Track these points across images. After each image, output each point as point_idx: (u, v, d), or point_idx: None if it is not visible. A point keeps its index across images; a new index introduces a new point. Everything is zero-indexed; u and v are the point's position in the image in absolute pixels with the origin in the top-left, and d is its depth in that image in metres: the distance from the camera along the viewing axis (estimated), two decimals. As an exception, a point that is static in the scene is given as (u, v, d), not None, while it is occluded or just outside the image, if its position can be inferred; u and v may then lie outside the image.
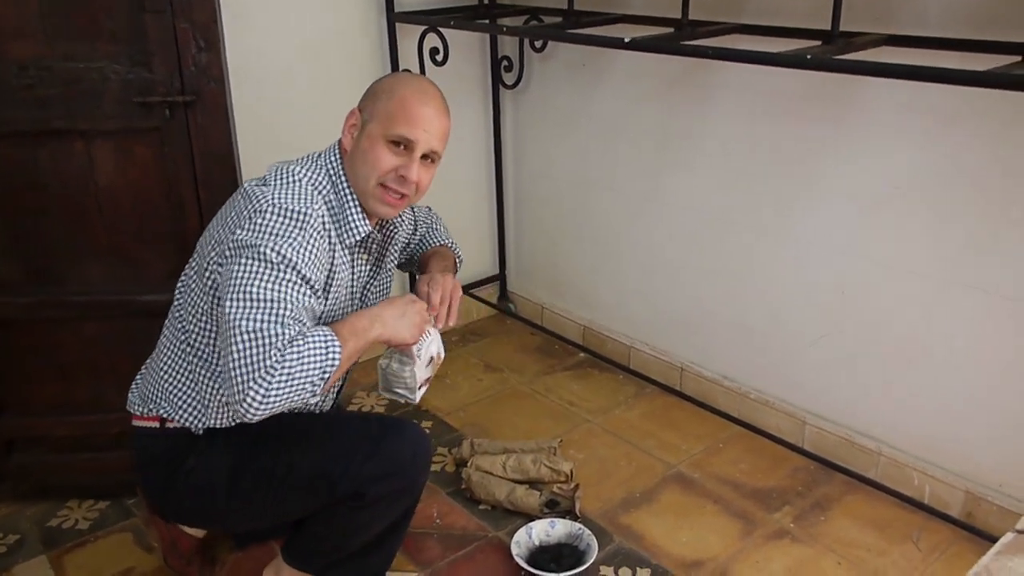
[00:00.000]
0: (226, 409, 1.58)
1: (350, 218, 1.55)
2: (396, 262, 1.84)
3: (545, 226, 3.03)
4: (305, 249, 1.43)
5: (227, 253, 1.44)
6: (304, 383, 1.37)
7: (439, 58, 2.58)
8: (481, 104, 2.95)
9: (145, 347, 1.74)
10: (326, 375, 1.39)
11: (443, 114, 1.58)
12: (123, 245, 1.98)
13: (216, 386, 1.55)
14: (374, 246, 1.69)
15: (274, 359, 1.34)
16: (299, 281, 1.42)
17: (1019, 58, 1.55)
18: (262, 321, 1.35)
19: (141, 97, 1.85)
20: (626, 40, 1.98)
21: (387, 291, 1.81)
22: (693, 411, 2.58)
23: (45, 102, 1.83)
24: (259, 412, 1.35)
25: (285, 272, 1.40)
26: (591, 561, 1.90)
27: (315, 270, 1.46)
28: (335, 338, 1.41)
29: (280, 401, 1.35)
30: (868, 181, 2.05)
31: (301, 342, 1.37)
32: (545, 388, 2.72)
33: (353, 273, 1.63)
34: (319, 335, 1.40)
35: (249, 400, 1.33)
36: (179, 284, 1.62)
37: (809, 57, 1.66)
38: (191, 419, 1.58)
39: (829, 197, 2.14)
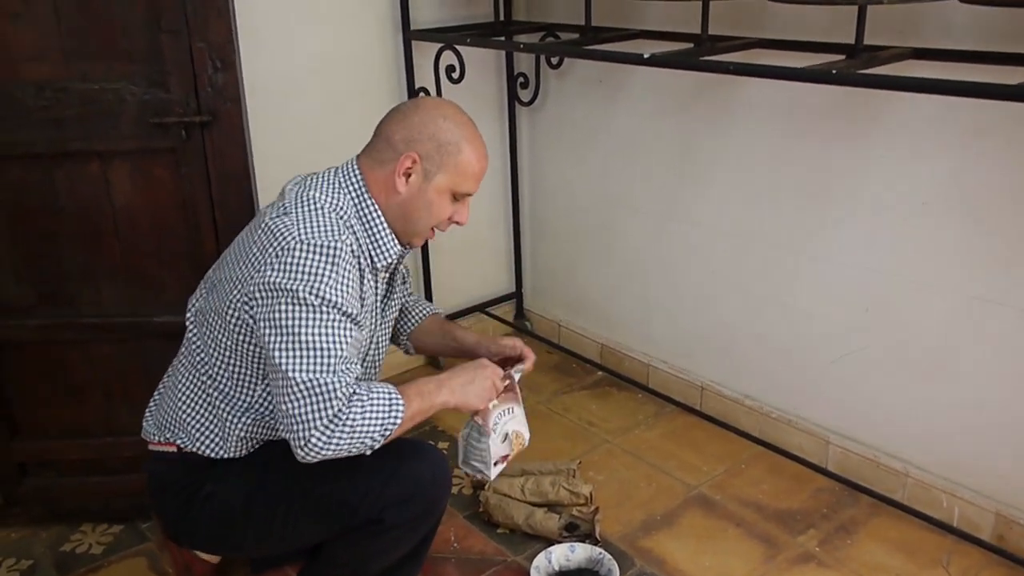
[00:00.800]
0: (246, 442, 1.57)
1: (382, 243, 1.55)
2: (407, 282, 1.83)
3: (562, 243, 3.00)
4: (341, 284, 1.42)
5: (258, 296, 1.42)
6: (365, 437, 1.40)
7: (455, 76, 2.56)
8: (497, 121, 2.94)
9: (159, 369, 1.72)
10: (387, 432, 1.42)
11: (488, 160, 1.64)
12: (139, 266, 1.97)
13: (237, 420, 1.54)
14: (394, 265, 1.68)
15: (335, 409, 1.37)
16: (342, 319, 1.42)
17: (1049, 71, 1.52)
18: (316, 372, 1.37)
19: (158, 118, 1.84)
20: (646, 56, 1.96)
21: (398, 306, 1.79)
22: (714, 431, 2.53)
23: (62, 123, 1.83)
24: (319, 457, 1.39)
25: (328, 312, 1.40)
26: (613, 586, 1.87)
27: (352, 302, 1.45)
28: (399, 397, 1.45)
29: (341, 451, 1.39)
30: (893, 197, 2.02)
31: (366, 397, 1.41)
32: (563, 407, 2.69)
33: (376, 293, 1.62)
34: (384, 392, 1.44)
35: (310, 447, 1.37)
36: (191, 315, 1.60)
37: (835, 72, 1.63)
38: (209, 450, 1.56)
39: (853, 213, 2.11)
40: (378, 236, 1.55)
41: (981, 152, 1.84)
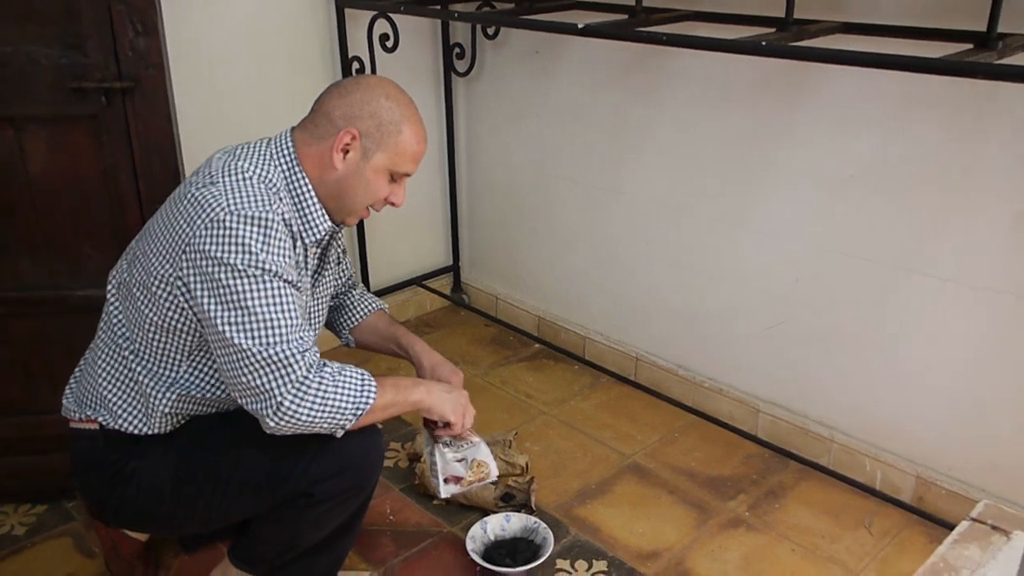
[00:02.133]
0: (171, 418, 1.53)
1: (311, 218, 1.52)
2: (341, 252, 1.79)
3: (500, 216, 2.99)
4: (277, 253, 1.40)
5: (195, 271, 1.38)
6: (336, 412, 1.41)
7: (389, 45, 2.52)
8: (433, 92, 2.90)
9: (82, 345, 1.66)
10: (359, 411, 1.43)
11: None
12: (58, 238, 1.90)
13: (162, 396, 1.50)
14: (325, 240, 1.65)
15: (299, 375, 1.38)
16: (285, 286, 1.40)
17: (971, 46, 1.56)
18: (272, 342, 1.37)
19: (76, 83, 1.77)
20: (580, 26, 1.95)
21: (333, 285, 1.77)
22: (648, 401, 2.57)
23: (-30, 87, 1.74)
24: (288, 427, 1.39)
25: (271, 282, 1.38)
26: (547, 555, 1.88)
27: (290, 270, 1.43)
28: (373, 380, 1.46)
29: (311, 421, 1.39)
30: (823, 169, 2.06)
31: (338, 371, 1.43)
32: (500, 380, 2.69)
33: (307, 267, 1.59)
34: (357, 372, 1.46)
35: (282, 413, 1.37)
36: (112, 288, 1.55)
37: (764, 44, 1.65)
38: (133, 427, 1.52)
39: (784, 185, 2.15)
40: (308, 211, 1.52)
41: (906, 126, 1.89)
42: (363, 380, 1.45)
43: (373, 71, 2.55)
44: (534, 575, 1.88)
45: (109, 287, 1.56)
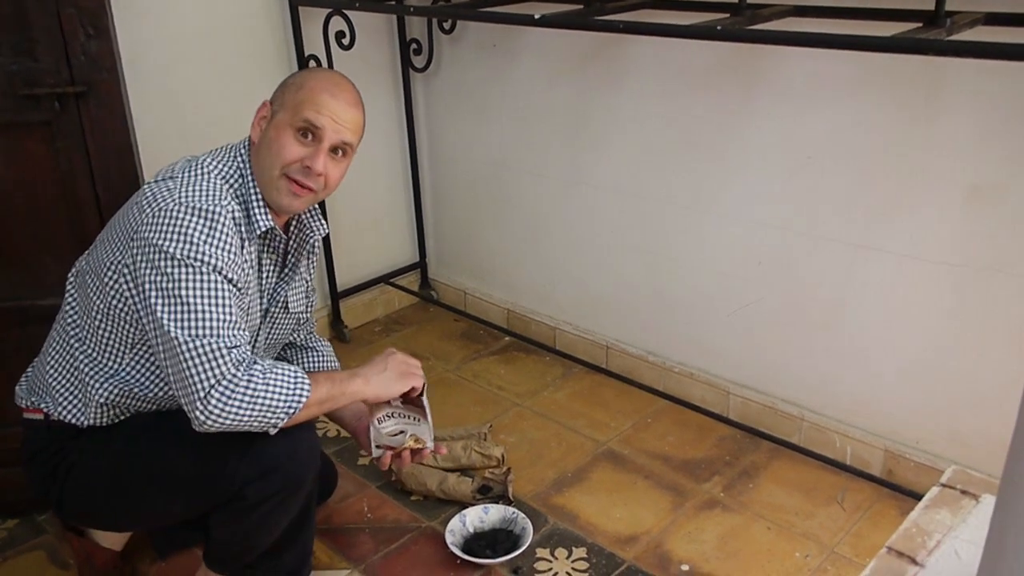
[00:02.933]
0: (107, 410, 1.53)
1: (252, 211, 1.51)
2: (312, 272, 1.77)
3: (464, 211, 2.99)
4: (221, 248, 1.39)
5: (139, 258, 1.38)
6: (267, 411, 1.39)
7: (345, 42, 2.50)
8: (392, 89, 2.89)
9: (46, 354, 1.64)
10: (292, 409, 1.41)
11: (354, 106, 1.53)
12: (16, 247, 1.86)
13: (100, 386, 1.50)
14: (281, 246, 1.63)
15: (225, 371, 1.35)
16: (223, 282, 1.39)
17: (920, 24, 1.59)
18: (202, 334, 1.36)
19: (27, 89, 1.74)
20: (536, 16, 1.95)
21: (307, 301, 1.76)
22: (620, 388, 2.59)
23: (-80, 97, 1.70)
24: (216, 423, 1.37)
25: (209, 275, 1.38)
26: (527, 544, 1.89)
27: (234, 268, 1.42)
28: (305, 376, 1.44)
29: (239, 418, 1.37)
30: (781, 151, 2.08)
31: (269, 369, 1.40)
32: (472, 374, 2.69)
33: (261, 272, 1.58)
34: (288, 369, 1.42)
35: (209, 409, 1.35)
36: (71, 279, 1.56)
37: (719, 28, 1.66)
38: (72, 416, 1.52)
39: (743, 168, 2.17)
40: (251, 205, 1.51)
41: (860, 105, 1.92)
42: (295, 377, 1.43)
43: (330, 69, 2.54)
44: (515, 565, 1.88)
45: (69, 276, 1.56)
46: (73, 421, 1.53)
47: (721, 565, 1.88)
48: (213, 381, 1.35)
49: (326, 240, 2.80)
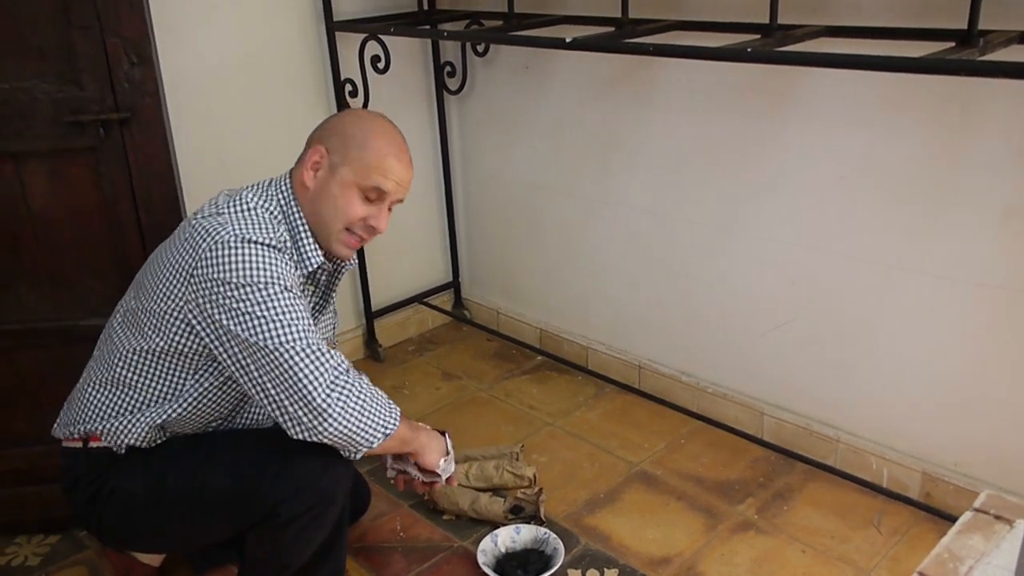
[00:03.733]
0: (155, 432, 1.56)
1: (303, 250, 1.56)
2: (336, 296, 1.82)
3: (497, 231, 3.01)
4: (284, 273, 1.45)
5: (204, 296, 1.42)
6: (366, 425, 1.47)
7: (381, 66, 2.55)
8: (426, 111, 2.93)
9: (88, 374, 1.68)
10: (387, 432, 1.50)
11: (411, 165, 1.61)
12: (61, 270, 1.92)
13: (152, 409, 1.54)
14: (323, 277, 1.68)
15: (334, 362, 1.44)
16: (296, 298, 1.45)
17: (953, 44, 1.58)
18: (297, 337, 1.41)
19: (73, 116, 1.79)
20: (568, 40, 1.97)
21: (333, 327, 1.80)
22: (653, 408, 2.58)
23: (-29, 125, 1.77)
24: (325, 429, 1.43)
25: (281, 292, 1.42)
26: (558, 565, 1.89)
27: (297, 289, 1.49)
28: (397, 409, 1.54)
29: (348, 425, 1.44)
30: (814, 171, 2.08)
31: (369, 386, 1.50)
32: (504, 393, 2.70)
33: (306, 299, 1.63)
34: (383, 396, 1.52)
35: (318, 412, 1.41)
36: (119, 316, 1.59)
37: (750, 50, 1.67)
38: (116, 437, 1.55)
39: (776, 189, 2.16)
40: (301, 243, 1.56)
41: (893, 126, 1.91)
42: (390, 404, 1.51)
43: (366, 92, 2.58)
44: (546, 586, 1.89)
45: (116, 316, 1.59)
46: (113, 444, 1.56)
47: (755, 588, 1.87)
48: (325, 377, 1.41)
49: (360, 260, 2.84)
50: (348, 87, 2.59)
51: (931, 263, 1.93)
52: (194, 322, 1.46)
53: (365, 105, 2.61)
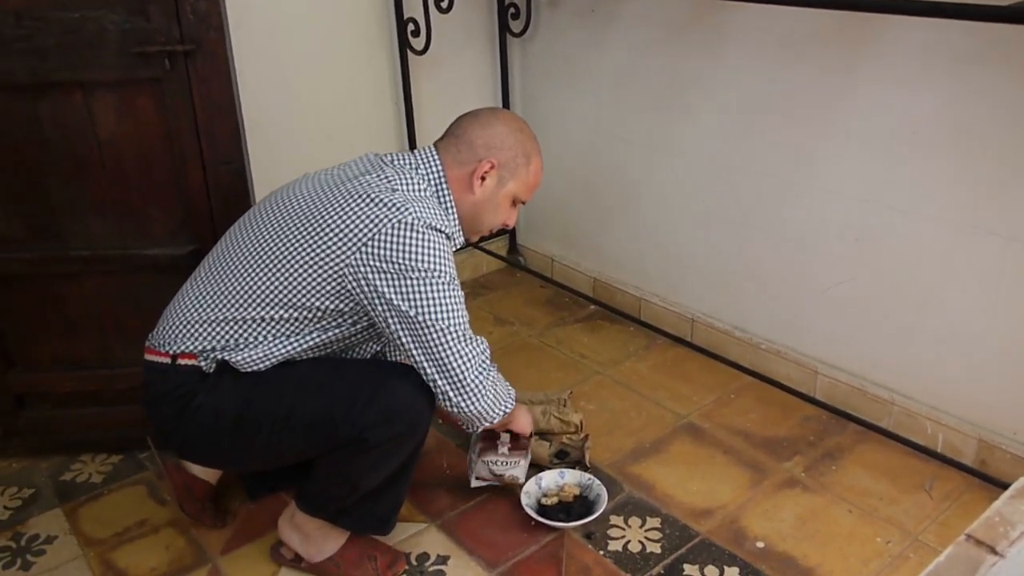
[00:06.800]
0: (277, 359, 1.61)
1: (454, 236, 1.69)
2: None
3: (555, 177, 2.98)
4: (453, 266, 1.60)
5: (374, 268, 1.52)
6: (495, 403, 1.65)
7: (444, 5, 2.52)
8: (488, 53, 2.90)
9: (151, 302, 1.74)
10: (506, 411, 1.69)
11: None
12: (126, 199, 1.97)
13: (290, 343, 1.60)
14: None
15: (483, 348, 1.63)
16: (460, 292, 1.61)
17: (1043, -8, 1.49)
18: (459, 323, 1.58)
19: (140, 47, 1.82)
20: (635, -19, 1.92)
21: None
22: (704, 362, 2.56)
23: (42, 53, 1.80)
24: (472, 403, 1.60)
25: (451, 284, 1.57)
26: (601, 510, 1.91)
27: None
28: (514, 392, 1.74)
29: (486, 400, 1.62)
30: (885, 126, 2.00)
31: (497, 372, 1.68)
32: (556, 340, 2.71)
33: None
34: (504, 381, 1.72)
35: (475, 394, 1.59)
36: (249, 248, 1.61)
37: (825, -6, 1.61)
38: (244, 362, 1.58)
39: (844, 143, 2.10)
40: (453, 228, 1.69)
41: (971, 80, 1.82)
42: (509, 390, 1.72)
43: (428, 32, 2.56)
44: (588, 530, 1.90)
45: (241, 242, 1.64)
46: (203, 365, 1.59)
47: (797, 545, 1.86)
48: (477, 365, 1.59)
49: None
50: (411, 26, 2.57)
51: (1004, 225, 1.86)
52: (351, 287, 1.54)
53: (427, 46, 2.59)
